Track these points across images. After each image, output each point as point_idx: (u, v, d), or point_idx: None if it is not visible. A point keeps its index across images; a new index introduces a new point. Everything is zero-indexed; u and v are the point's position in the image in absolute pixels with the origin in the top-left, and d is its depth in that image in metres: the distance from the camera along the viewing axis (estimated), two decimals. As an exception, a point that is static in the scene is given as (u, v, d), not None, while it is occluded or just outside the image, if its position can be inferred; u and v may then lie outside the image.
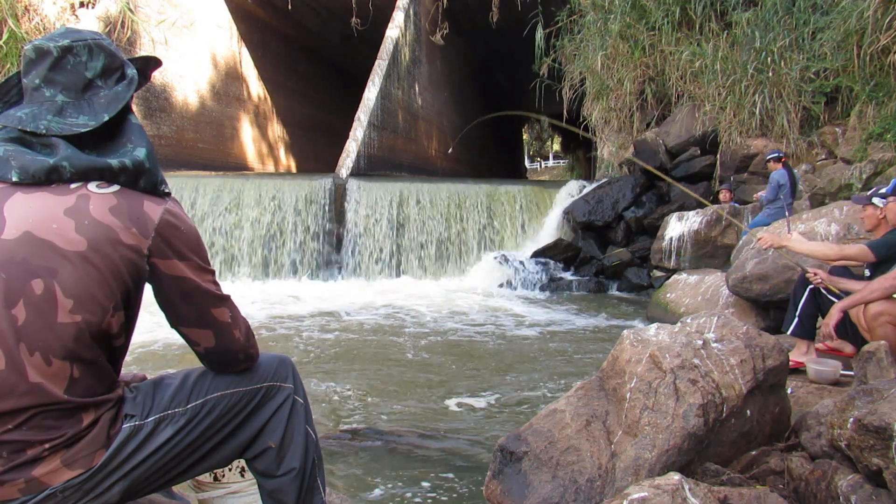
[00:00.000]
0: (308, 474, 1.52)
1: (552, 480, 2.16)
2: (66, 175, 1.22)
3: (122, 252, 1.23)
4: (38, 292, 1.18)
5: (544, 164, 45.34)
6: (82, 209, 1.21)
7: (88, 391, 1.26)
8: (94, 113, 1.29)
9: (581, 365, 5.18)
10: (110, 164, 1.24)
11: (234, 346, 1.42)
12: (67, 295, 1.19)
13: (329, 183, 10.33)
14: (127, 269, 1.24)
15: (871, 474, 1.87)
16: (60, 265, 1.18)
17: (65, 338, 1.20)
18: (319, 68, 21.33)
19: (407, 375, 4.91)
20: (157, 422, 1.36)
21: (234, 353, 1.43)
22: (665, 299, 6.99)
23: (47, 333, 1.18)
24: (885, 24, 7.70)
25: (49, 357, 1.19)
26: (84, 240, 1.20)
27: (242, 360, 1.45)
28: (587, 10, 11.73)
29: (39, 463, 1.22)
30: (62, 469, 1.24)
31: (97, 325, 1.23)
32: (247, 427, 1.47)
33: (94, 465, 1.27)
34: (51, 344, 1.19)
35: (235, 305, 1.43)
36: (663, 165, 10.09)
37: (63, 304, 1.19)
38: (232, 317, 1.40)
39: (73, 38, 1.31)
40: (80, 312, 1.20)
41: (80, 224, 1.20)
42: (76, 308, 1.20)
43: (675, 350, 2.29)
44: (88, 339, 1.22)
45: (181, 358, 5.19)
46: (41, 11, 11.40)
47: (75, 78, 1.30)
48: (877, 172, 7.18)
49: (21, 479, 1.21)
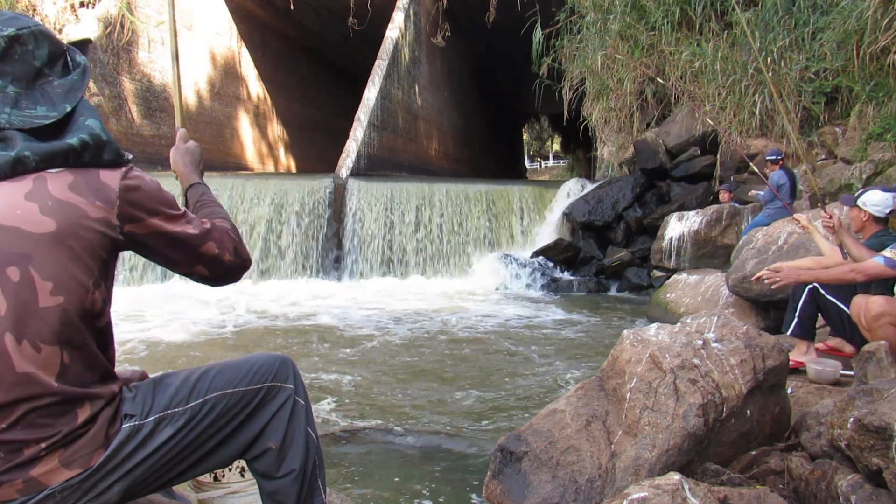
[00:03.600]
0: (308, 476, 1.51)
1: (552, 480, 2.16)
2: (31, 165, 1.21)
3: (92, 227, 1.22)
4: (15, 280, 1.16)
5: (544, 164, 45.34)
6: (42, 191, 1.20)
7: (80, 379, 1.25)
8: (53, 104, 1.27)
9: (581, 365, 5.18)
10: (72, 144, 1.23)
11: (227, 269, 1.45)
12: (45, 278, 1.18)
13: (329, 183, 10.33)
14: (100, 243, 1.24)
15: (871, 474, 1.87)
16: (33, 249, 1.17)
17: (51, 322, 1.19)
18: (319, 68, 21.33)
19: (406, 375, 4.91)
20: (156, 421, 1.35)
21: (230, 274, 1.47)
22: (665, 299, 6.99)
23: (32, 320, 1.17)
24: (885, 25, 7.69)
25: (38, 343, 1.18)
26: (52, 220, 1.19)
27: (237, 273, 1.48)
28: (587, 11, 11.73)
29: (37, 463, 1.21)
30: (60, 469, 1.23)
31: (80, 304, 1.22)
32: (247, 428, 1.47)
33: (93, 464, 1.26)
34: (38, 330, 1.18)
35: (217, 229, 1.43)
36: (663, 165, 10.10)
37: (43, 288, 1.17)
38: (218, 245, 1.41)
39: (18, 26, 1.28)
40: (61, 294, 1.19)
41: (43, 206, 1.19)
42: (56, 290, 1.18)
43: (675, 350, 2.29)
44: (75, 319, 1.22)
45: (170, 359, 5.19)
46: (41, 11, 11.41)
47: (25, 68, 1.28)
48: (877, 172, 7.18)
49: (19, 479, 1.20)
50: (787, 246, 5.59)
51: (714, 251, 8.22)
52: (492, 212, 10.43)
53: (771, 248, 5.69)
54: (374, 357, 5.48)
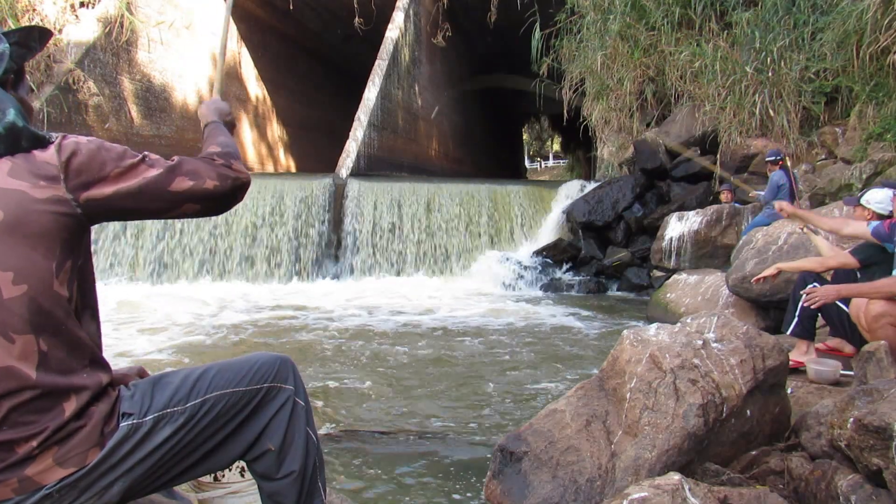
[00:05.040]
0: (308, 477, 1.50)
1: (552, 480, 2.16)
2: None
3: (41, 209, 1.19)
4: None
5: (544, 164, 45.35)
6: None
7: (64, 366, 1.22)
8: None
9: (581, 365, 5.18)
10: None
11: (215, 195, 1.37)
12: (4, 269, 1.16)
13: (329, 183, 10.33)
14: (56, 223, 1.21)
15: (871, 474, 1.87)
16: None
17: (19, 311, 1.17)
18: (319, 68, 21.33)
19: (406, 375, 4.91)
20: (155, 420, 1.34)
21: (221, 199, 1.39)
22: (665, 299, 6.99)
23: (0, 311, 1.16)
24: (885, 25, 7.70)
25: (9, 334, 1.17)
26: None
27: (232, 193, 1.40)
28: (587, 11, 11.73)
29: (31, 462, 1.21)
30: (55, 468, 1.22)
31: (47, 289, 1.20)
32: (247, 428, 1.46)
33: (88, 463, 1.25)
34: (7, 321, 1.16)
35: (187, 161, 1.35)
36: (663, 165, 10.10)
37: (4, 279, 1.16)
38: (192, 176, 1.33)
39: None
40: (23, 282, 1.17)
41: None
42: (18, 279, 1.17)
43: (675, 350, 2.29)
44: (44, 305, 1.20)
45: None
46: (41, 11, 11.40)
47: None
48: (877, 172, 7.18)
49: (14, 478, 1.20)
50: (787, 246, 5.59)
51: (714, 251, 8.21)
52: (492, 212, 10.43)
53: (771, 248, 5.70)
54: (373, 357, 5.48)
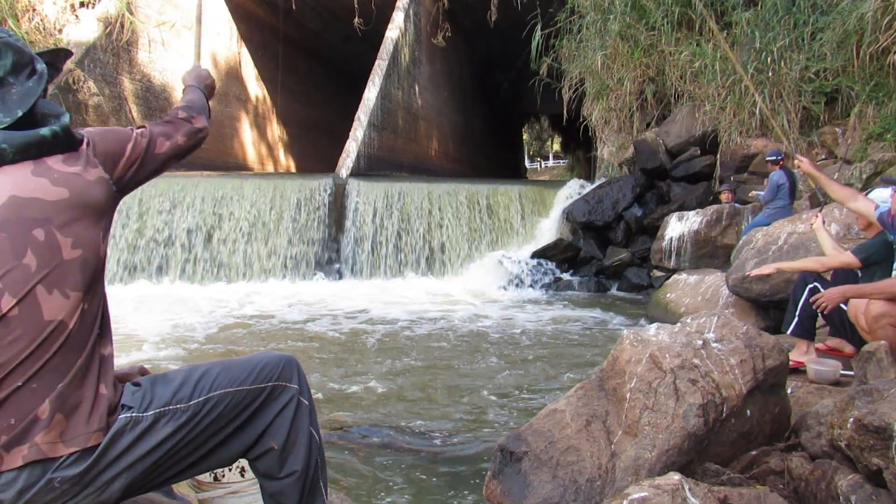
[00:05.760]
0: (310, 477, 1.51)
1: (552, 480, 2.16)
2: (9, 155, 1.33)
3: (94, 188, 1.40)
4: (42, 239, 1.31)
5: (544, 164, 45.32)
6: (44, 169, 1.35)
7: (91, 327, 1.37)
8: (8, 109, 1.37)
9: (581, 365, 5.18)
10: (43, 135, 1.36)
11: (185, 147, 1.67)
12: (66, 235, 1.33)
13: (329, 183, 10.33)
14: (104, 199, 1.42)
15: (871, 474, 1.87)
16: (52, 213, 1.32)
17: (74, 271, 1.34)
18: (319, 68, 21.32)
19: (406, 375, 4.91)
20: (156, 416, 1.37)
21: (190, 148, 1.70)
22: (665, 299, 6.99)
23: (59, 270, 1.32)
24: (885, 25, 7.70)
25: (66, 291, 1.32)
26: (64, 189, 1.35)
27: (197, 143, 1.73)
28: (587, 11, 11.73)
29: (42, 429, 1.27)
30: (59, 444, 1.28)
31: (96, 254, 1.38)
32: (250, 427, 1.47)
33: (89, 445, 1.30)
34: (65, 279, 1.32)
35: (156, 125, 1.63)
36: (663, 165, 10.10)
37: (64, 244, 1.33)
38: (166, 136, 1.61)
39: None
40: (80, 247, 1.35)
41: (52, 179, 1.34)
42: (76, 244, 1.34)
43: (675, 350, 2.29)
44: (92, 267, 1.37)
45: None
46: (41, 11, 11.40)
47: None
48: (877, 172, 7.17)
49: (26, 444, 1.25)
50: (787, 246, 5.59)
51: (714, 251, 8.21)
52: (492, 212, 10.42)
53: (771, 248, 5.70)
54: (373, 357, 5.48)
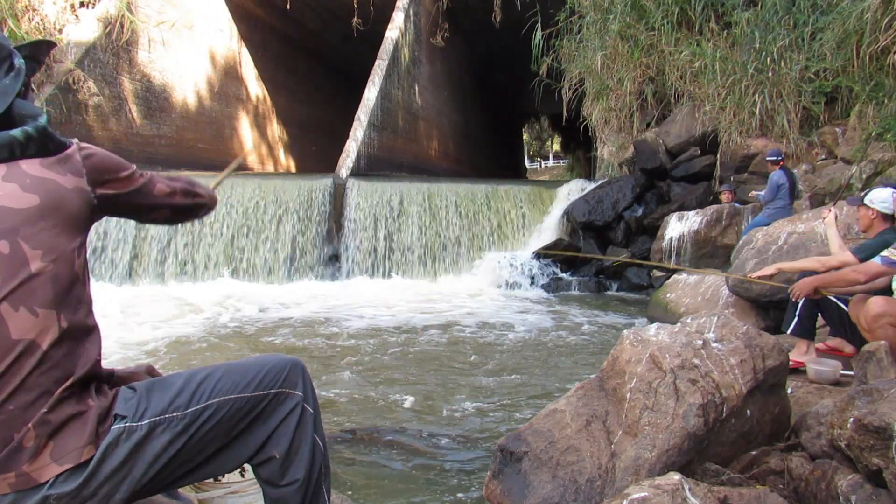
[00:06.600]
0: (313, 484, 1.47)
1: (552, 480, 2.16)
2: None
3: (70, 196, 1.31)
4: (6, 252, 1.22)
5: (544, 164, 45.32)
6: (17, 173, 1.27)
7: (69, 346, 1.27)
8: None
9: (581, 365, 5.18)
10: (15, 136, 1.28)
11: (181, 205, 1.58)
12: (34, 247, 1.24)
13: (329, 183, 10.33)
14: (79, 210, 1.32)
15: (871, 474, 1.87)
16: (19, 223, 1.24)
17: (44, 286, 1.24)
18: (319, 68, 21.32)
19: (406, 375, 4.91)
20: (151, 426, 1.31)
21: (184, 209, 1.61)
22: (665, 299, 6.99)
23: (27, 287, 1.23)
24: (885, 25, 7.69)
25: (34, 308, 1.23)
26: (34, 196, 1.26)
27: (193, 206, 1.62)
28: (587, 11, 11.73)
29: (28, 454, 1.20)
30: (51, 465, 1.22)
31: (70, 268, 1.29)
32: (251, 435, 1.42)
33: (83, 460, 1.24)
34: (34, 294, 1.23)
35: (158, 176, 1.55)
36: (663, 165, 10.09)
37: (32, 256, 1.24)
38: (166, 184, 1.54)
39: None
40: (49, 260, 1.26)
41: (23, 184, 1.26)
42: (46, 257, 1.25)
43: (675, 350, 2.29)
44: (66, 283, 1.28)
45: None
46: (41, 11, 11.40)
47: None
48: (877, 172, 7.18)
49: (12, 473, 1.20)
50: (787, 246, 5.59)
51: (714, 251, 8.21)
52: (492, 212, 10.42)
53: (771, 248, 5.69)
54: (373, 357, 5.48)
